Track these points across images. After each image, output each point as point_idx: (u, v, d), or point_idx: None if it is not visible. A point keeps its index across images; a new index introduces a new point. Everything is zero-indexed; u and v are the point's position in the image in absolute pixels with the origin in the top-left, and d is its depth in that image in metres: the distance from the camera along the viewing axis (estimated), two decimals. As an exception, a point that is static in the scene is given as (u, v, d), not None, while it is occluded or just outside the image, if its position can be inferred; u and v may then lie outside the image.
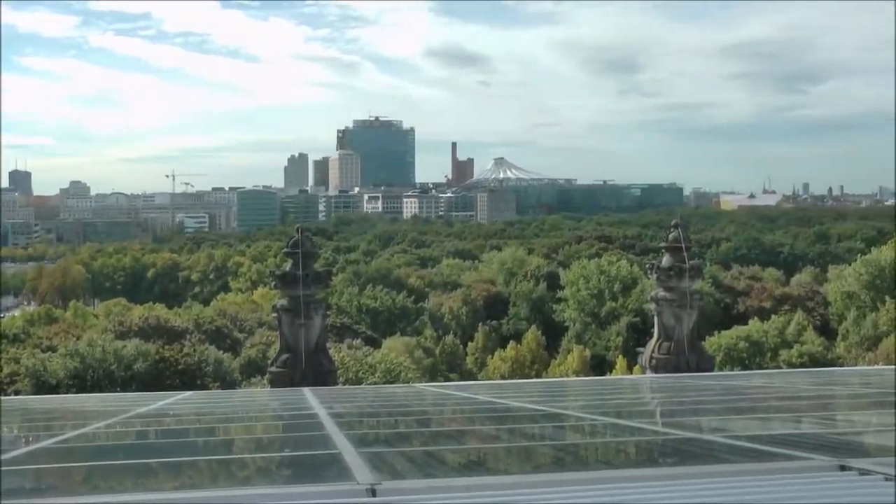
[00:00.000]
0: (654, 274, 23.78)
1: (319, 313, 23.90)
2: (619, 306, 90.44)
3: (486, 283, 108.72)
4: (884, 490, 5.28)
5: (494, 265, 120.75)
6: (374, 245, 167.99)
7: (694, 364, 22.93)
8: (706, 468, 6.43)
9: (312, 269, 23.86)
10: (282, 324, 24.01)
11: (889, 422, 10.78)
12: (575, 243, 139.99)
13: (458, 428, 12.60)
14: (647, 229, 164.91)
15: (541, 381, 48.30)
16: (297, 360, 23.40)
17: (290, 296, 23.66)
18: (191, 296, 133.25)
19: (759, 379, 23.34)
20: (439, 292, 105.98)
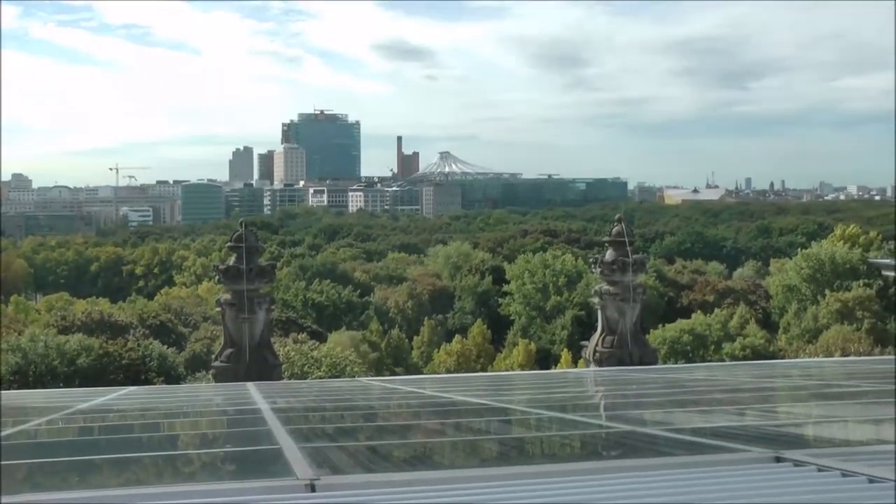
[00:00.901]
0: (598, 268, 23.97)
1: (263, 308, 23.77)
2: (564, 300, 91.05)
3: (432, 277, 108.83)
4: (816, 481, 5.40)
5: (440, 259, 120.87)
6: (320, 239, 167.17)
7: (637, 357, 23.16)
8: (645, 461, 6.51)
9: (256, 264, 23.72)
10: (225, 318, 23.84)
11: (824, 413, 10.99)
12: (520, 237, 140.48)
13: (403, 423, 12.62)
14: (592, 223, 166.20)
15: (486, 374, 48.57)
16: (241, 354, 23.26)
17: (234, 290, 23.50)
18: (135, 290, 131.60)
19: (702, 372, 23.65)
20: (385, 286, 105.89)
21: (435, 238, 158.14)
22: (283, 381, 26.02)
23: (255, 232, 26.06)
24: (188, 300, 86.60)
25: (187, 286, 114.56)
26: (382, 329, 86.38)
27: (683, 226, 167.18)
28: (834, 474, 5.47)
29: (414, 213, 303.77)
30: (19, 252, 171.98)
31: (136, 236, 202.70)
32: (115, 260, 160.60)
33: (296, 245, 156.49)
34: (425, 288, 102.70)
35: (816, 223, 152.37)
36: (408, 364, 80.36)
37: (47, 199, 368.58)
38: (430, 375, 55.16)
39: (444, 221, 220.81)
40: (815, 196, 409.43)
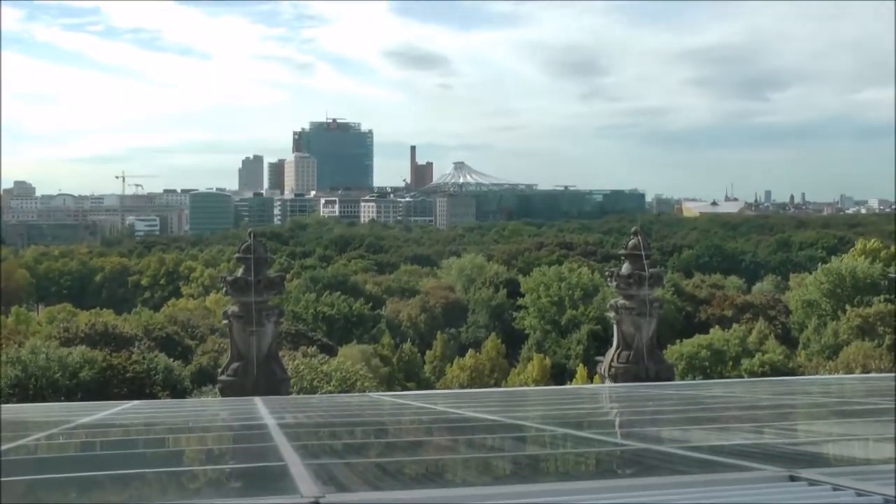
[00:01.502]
0: (614, 281, 23.94)
1: (272, 320, 23.79)
2: (580, 314, 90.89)
3: (445, 289, 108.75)
4: (830, 500, 5.39)
5: (453, 272, 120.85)
6: (331, 250, 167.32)
7: (653, 373, 23.11)
8: (659, 479, 6.50)
9: (265, 275, 23.77)
10: (233, 331, 23.87)
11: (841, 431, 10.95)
12: (535, 250, 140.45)
13: (413, 439, 12.61)
14: (609, 236, 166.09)
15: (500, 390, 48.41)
16: (248, 368, 23.28)
17: (242, 302, 23.53)
18: (140, 301, 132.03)
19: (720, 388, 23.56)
20: (397, 299, 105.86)
21: (448, 250, 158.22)
22: (291, 396, 26.03)
23: (265, 242, 26.11)
24: (195, 312, 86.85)
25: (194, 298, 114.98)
26: (394, 343, 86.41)
27: (702, 239, 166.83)
28: (849, 493, 5.46)
29: (427, 225, 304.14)
30: (21, 262, 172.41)
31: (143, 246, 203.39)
32: (120, 270, 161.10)
33: (306, 256, 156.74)
34: (438, 301, 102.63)
35: (837, 237, 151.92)
36: (420, 379, 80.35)
37: (51, 207, 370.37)
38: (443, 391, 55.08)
39: (457, 233, 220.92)
40: (835, 209, 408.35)
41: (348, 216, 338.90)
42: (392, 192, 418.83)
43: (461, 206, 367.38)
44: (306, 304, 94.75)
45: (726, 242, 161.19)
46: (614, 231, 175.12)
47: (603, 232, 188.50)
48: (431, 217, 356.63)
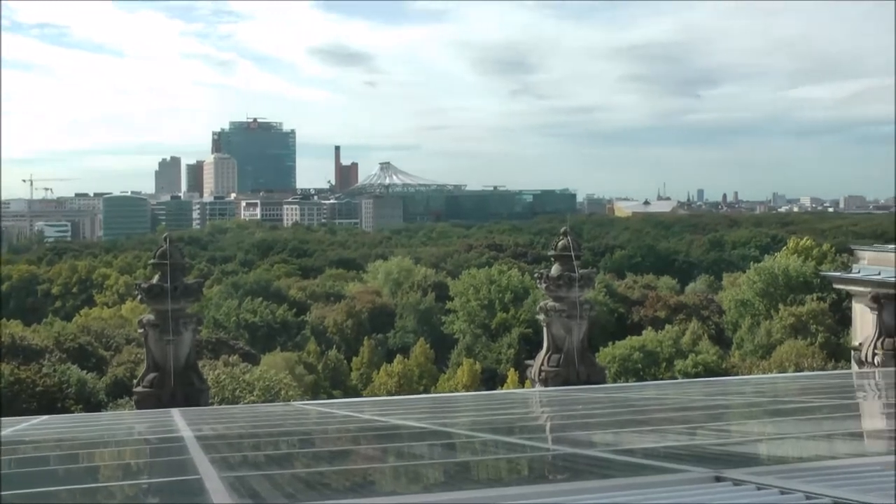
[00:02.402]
0: (544, 284, 24.11)
1: (190, 328, 23.55)
2: (511, 317, 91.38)
3: (372, 294, 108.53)
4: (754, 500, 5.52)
5: (380, 275, 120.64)
6: (253, 255, 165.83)
7: (584, 376, 23.32)
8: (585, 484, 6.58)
9: (182, 282, 23.52)
10: (148, 340, 23.58)
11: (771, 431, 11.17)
12: (464, 252, 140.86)
13: (337, 449, 12.58)
14: (540, 237, 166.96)
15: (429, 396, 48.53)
16: (165, 379, 23.02)
17: (158, 310, 23.26)
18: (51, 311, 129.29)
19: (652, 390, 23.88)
20: (322, 304, 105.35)
21: (375, 253, 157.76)
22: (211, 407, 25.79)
23: (181, 248, 25.82)
24: (110, 321, 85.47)
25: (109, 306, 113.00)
26: (319, 350, 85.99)
27: (634, 239, 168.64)
28: (772, 492, 5.59)
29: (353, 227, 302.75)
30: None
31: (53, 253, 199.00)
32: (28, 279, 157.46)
33: (227, 261, 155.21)
34: (365, 306, 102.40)
35: (770, 236, 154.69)
36: (346, 386, 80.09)
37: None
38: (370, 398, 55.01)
39: (384, 236, 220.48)
40: (768, 208, 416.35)
41: (270, 219, 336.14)
42: (316, 194, 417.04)
43: (388, 208, 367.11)
44: (227, 312, 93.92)
45: (659, 242, 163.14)
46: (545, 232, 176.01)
47: (533, 233, 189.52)
48: (357, 219, 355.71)
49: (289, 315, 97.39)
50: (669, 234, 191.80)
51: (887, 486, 5.75)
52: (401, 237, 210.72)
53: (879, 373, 22.31)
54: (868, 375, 22.50)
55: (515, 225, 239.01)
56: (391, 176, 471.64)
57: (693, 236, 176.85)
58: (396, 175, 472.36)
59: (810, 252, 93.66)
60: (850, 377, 24.23)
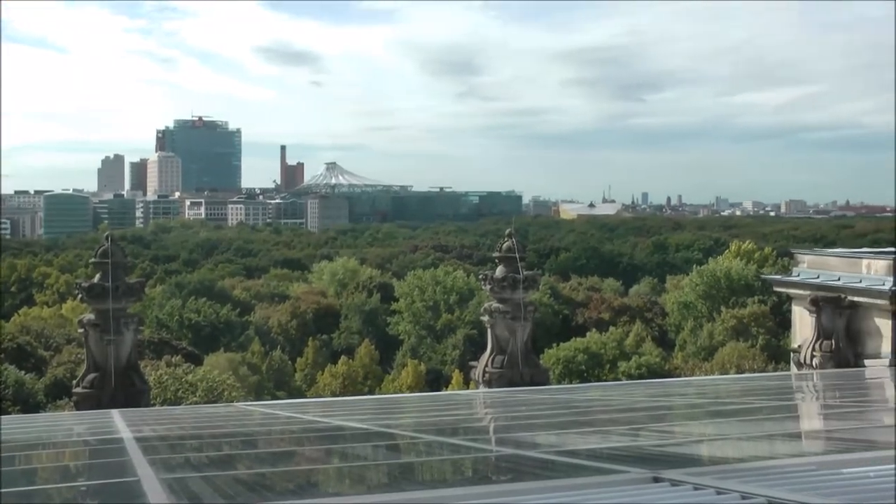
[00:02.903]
0: (488, 285, 24.18)
1: (131, 328, 23.28)
2: (456, 318, 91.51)
3: (317, 294, 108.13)
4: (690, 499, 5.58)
5: (325, 276, 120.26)
6: (197, 254, 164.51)
7: (528, 377, 23.41)
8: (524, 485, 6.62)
9: (123, 281, 23.24)
10: (89, 340, 23.26)
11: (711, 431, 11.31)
12: (410, 253, 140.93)
13: (280, 450, 12.51)
14: (485, 238, 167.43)
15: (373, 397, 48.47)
16: (105, 379, 22.73)
17: (99, 310, 22.97)
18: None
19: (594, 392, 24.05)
20: (266, 305, 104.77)
21: (320, 253, 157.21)
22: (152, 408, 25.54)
23: (123, 247, 25.53)
24: (50, 321, 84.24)
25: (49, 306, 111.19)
26: (263, 350, 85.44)
27: (579, 241, 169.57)
28: (708, 492, 5.66)
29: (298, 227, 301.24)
30: None
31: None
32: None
33: (170, 261, 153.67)
34: (309, 306, 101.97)
35: (712, 239, 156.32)
36: (290, 387, 79.62)
37: None
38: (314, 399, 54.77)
39: (329, 236, 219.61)
40: (711, 211, 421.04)
41: (215, 219, 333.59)
42: (261, 194, 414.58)
43: (333, 208, 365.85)
44: (171, 311, 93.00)
45: (603, 245, 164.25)
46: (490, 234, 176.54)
47: (479, 234, 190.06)
48: (302, 219, 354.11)
49: (233, 315, 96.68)
50: (614, 236, 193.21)
51: (821, 485, 5.85)
52: (346, 238, 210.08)
53: (817, 374, 22.66)
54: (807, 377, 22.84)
55: (461, 226, 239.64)
56: (337, 176, 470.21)
57: (637, 239, 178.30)
58: (342, 175, 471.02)
59: (752, 255, 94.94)
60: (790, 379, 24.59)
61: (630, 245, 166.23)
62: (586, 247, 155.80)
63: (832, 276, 23.80)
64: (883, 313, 22.26)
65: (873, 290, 22.24)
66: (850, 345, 22.92)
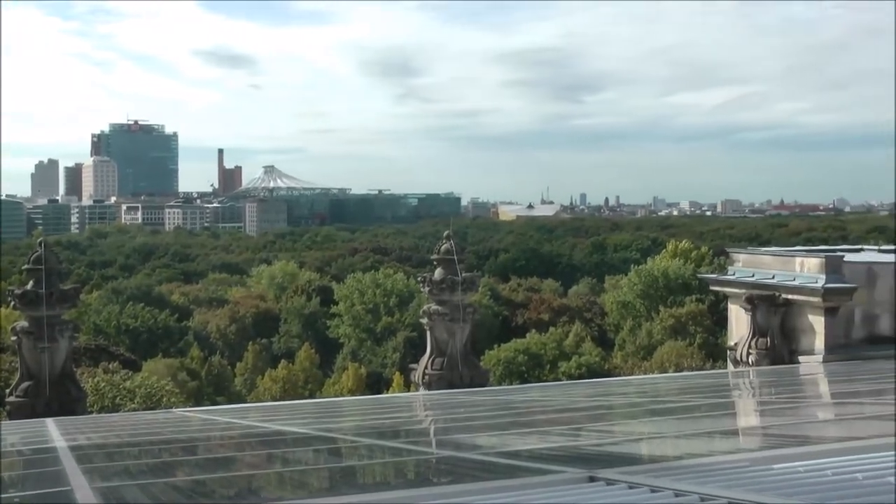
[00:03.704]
0: (427, 287, 24.20)
1: (66, 336, 22.94)
2: (396, 321, 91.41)
3: (256, 298, 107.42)
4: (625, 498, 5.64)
5: (264, 280, 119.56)
6: (134, 259, 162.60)
7: (468, 379, 23.45)
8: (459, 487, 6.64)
9: (58, 287, 22.91)
10: (22, 348, 22.90)
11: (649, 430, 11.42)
12: (349, 256, 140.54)
13: (219, 456, 12.41)
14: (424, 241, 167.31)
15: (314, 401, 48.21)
16: (39, 387, 22.39)
17: (32, 317, 22.61)
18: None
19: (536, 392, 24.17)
20: (205, 310, 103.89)
21: (259, 257, 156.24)
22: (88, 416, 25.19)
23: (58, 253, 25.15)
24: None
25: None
26: (203, 355, 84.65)
27: (518, 242, 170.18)
28: (643, 491, 5.73)
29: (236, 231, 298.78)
30: None
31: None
32: None
33: (107, 266, 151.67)
34: (248, 311, 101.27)
35: (650, 239, 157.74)
36: (230, 392, 78.99)
37: None
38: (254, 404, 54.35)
39: (268, 239, 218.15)
40: (648, 211, 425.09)
41: (152, 223, 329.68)
42: (199, 198, 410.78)
43: (272, 212, 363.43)
44: (108, 317, 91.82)
45: (542, 245, 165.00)
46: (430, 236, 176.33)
47: (418, 237, 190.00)
48: (241, 223, 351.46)
49: (171, 320, 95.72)
50: (553, 237, 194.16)
51: (752, 481, 5.94)
52: (285, 241, 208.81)
53: (753, 372, 22.98)
54: (743, 374, 23.17)
55: (400, 229, 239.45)
56: (275, 179, 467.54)
57: (576, 239, 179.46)
58: (281, 178, 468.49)
59: (689, 255, 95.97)
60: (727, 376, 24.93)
61: (569, 246, 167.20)
62: (525, 248, 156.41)
63: (767, 274, 24.15)
64: (816, 310, 22.63)
65: (807, 287, 22.60)
66: (784, 342, 23.25)
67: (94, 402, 42.54)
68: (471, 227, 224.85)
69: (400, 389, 64.37)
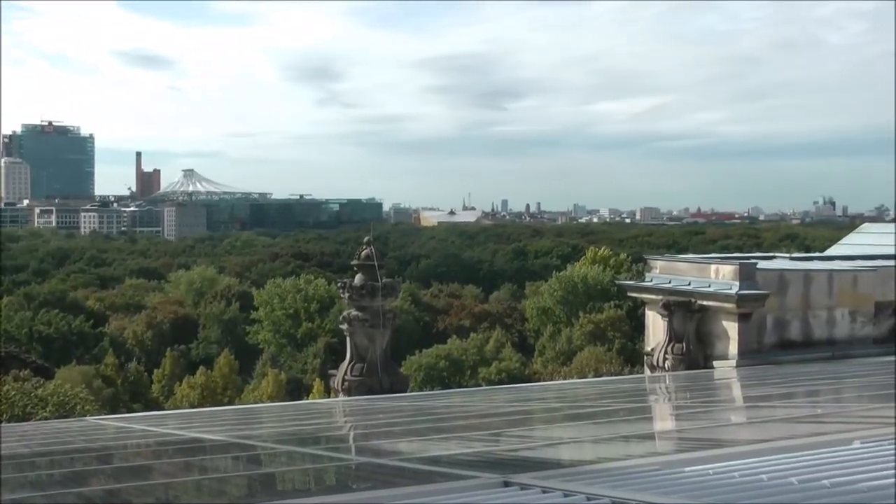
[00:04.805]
0: (347, 293, 24.18)
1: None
2: (317, 327, 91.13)
3: (174, 304, 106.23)
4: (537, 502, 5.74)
5: (182, 285, 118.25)
6: (47, 264, 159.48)
7: (388, 385, 23.49)
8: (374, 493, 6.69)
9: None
10: (-69, 355, 22.43)
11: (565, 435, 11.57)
12: (269, 261, 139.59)
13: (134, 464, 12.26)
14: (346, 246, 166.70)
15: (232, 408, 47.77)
16: (-51, 395, 21.92)
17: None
18: None
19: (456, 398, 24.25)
20: (122, 315, 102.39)
21: (177, 262, 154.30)
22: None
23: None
24: None
25: None
26: (119, 362, 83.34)
27: (439, 248, 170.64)
28: (556, 495, 5.83)
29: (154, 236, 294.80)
30: None
31: None
32: None
33: (19, 271, 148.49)
34: (166, 316, 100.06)
35: (570, 246, 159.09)
36: (148, 399, 77.90)
37: None
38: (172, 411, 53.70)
39: (187, 244, 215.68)
40: (569, 218, 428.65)
41: (67, 227, 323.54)
42: (116, 202, 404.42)
43: (191, 216, 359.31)
44: (20, 324, 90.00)
45: (464, 251, 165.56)
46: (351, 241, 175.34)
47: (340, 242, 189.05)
48: (159, 228, 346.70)
49: (86, 327, 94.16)
50: (474, 243, 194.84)
51: (663, 484, 6.08)
52: (204, 246, 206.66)
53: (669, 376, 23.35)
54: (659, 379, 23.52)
55: (322, 234, 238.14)
56: (195, 183, 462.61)
57: (497, 246, 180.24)
58: (200, 182, 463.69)
59: (608, 261, 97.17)
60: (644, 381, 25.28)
61: (490, 252, 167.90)
62: (447, 254, 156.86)
63: (683, 281, 24.55)
64: (730, 316, 23.06)
65: (721, 294, 23.03)
66: (699, 347, 23.65)
67: (3, 411, 41.70)
68: (392, 233, 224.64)
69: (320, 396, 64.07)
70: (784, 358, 22.68)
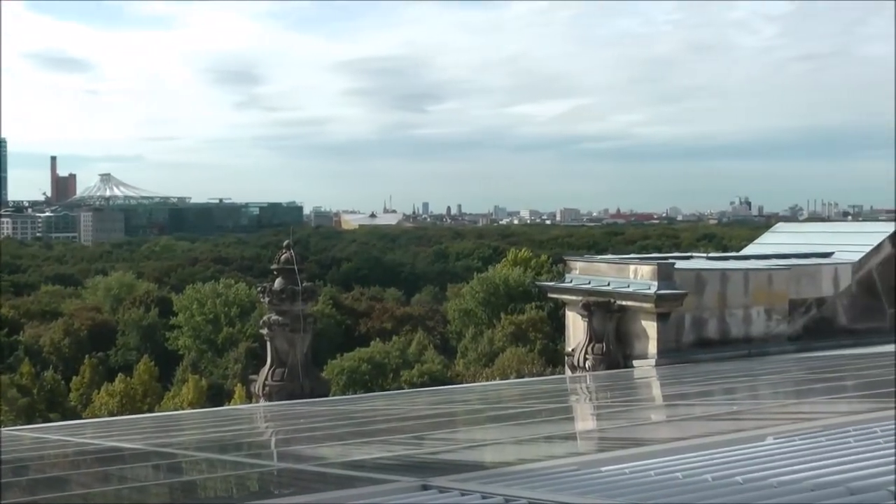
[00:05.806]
0: (267, 297, 24.01)
1: None
2: (237, 332, 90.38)
3: (91, 311, 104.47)
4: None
5: (100, 291, 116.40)
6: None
7: (309, 389, 23.34)
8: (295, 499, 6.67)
9: None
10: None
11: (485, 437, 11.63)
12: (189, 266, 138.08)
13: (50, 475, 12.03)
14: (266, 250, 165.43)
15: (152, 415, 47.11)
16: None
17: None
18: None
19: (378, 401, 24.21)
20: (37, 323, 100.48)
21: (94, 268, 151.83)
22: None
23: None
24: None
25: None
26: (35, 371, 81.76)
27: (361, 251, 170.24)
28: (475, 497, 5.86)
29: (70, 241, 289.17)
30: None
31: None
32: None
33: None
34: (84, 323, 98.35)
35: (491, 247, 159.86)
36: (65, 408, 76.57)
37: None
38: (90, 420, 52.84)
39: (104, 250, 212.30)
40: (490, 220, 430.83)
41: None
42: (30, 207, 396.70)
43: (108, 221, 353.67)
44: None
45: (385, 254, 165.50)
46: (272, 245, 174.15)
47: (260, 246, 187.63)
48: (75, 233, 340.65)
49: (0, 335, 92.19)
50: (395, 246, 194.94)
51: (580, 484, 6.15)
52: (122, 251, 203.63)
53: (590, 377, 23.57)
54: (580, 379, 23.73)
55: (241, 238, 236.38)
56: (112, 188, 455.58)
57: (418, 248, 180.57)
58: (118, 187, 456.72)
59: (528, 263, 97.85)
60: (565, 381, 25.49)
61: (411, 254, 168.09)
62: (368, 257, 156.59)
63: (602, 281, 24.77)
64: (649, 316, 23.31)
65: (640, 293, 23.28)
66: (619, 347, 23.87)
67: (-85, 422, 40.72)
68: (313, 237, 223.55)
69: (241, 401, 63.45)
70: (702, 356, 23.00)
